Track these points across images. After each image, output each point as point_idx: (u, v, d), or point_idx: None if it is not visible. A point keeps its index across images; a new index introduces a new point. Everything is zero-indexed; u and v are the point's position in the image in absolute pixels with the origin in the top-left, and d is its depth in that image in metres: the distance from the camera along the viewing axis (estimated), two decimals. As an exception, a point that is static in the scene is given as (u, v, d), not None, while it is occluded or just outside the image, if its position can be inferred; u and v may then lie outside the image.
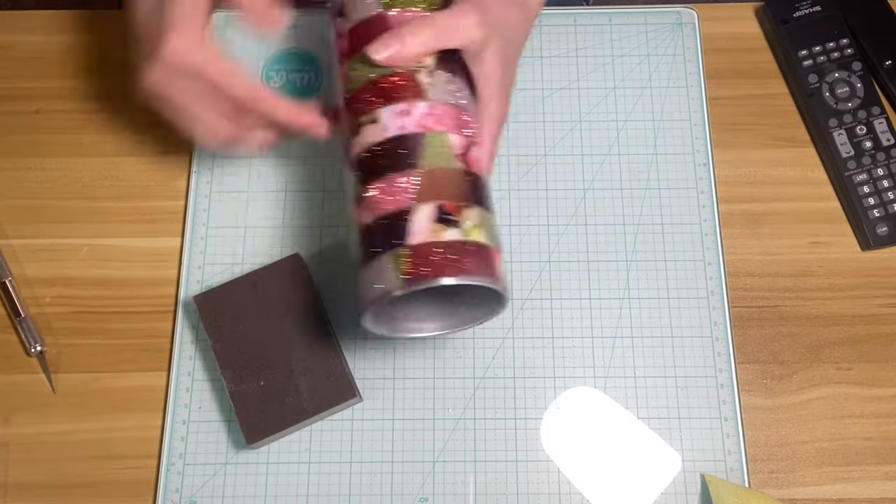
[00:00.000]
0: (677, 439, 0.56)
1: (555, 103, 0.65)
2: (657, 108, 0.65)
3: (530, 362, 0.58)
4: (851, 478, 0.56)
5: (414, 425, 0.57)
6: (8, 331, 0.60)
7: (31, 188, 0.63)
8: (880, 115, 0.63)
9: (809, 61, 0.64)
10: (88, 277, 0.61)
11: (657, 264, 0.61)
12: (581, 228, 0.62)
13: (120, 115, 0.65)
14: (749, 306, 0.60)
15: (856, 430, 0.57)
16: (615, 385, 0.58)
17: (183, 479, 0.56)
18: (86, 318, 0.60)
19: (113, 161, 0.64)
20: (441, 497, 0.55)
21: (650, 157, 0.63)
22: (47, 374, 0.58)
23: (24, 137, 0.65)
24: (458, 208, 0.44)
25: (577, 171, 0.63)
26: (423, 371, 0.58)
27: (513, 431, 0.57)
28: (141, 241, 0.62)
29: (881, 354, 0.59)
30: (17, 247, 0.62)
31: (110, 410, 0.58)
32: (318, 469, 0.56)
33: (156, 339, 0.59)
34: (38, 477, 0.56)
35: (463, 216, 0.44)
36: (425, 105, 0.46)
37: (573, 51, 0.67)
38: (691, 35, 0.67)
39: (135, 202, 0.63)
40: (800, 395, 0.58)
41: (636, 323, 0.59)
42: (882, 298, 0.60)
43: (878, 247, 0.61)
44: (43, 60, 0.67)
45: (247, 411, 0.53)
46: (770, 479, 0.56)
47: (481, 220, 0.45)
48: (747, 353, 0.59)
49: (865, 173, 0.61)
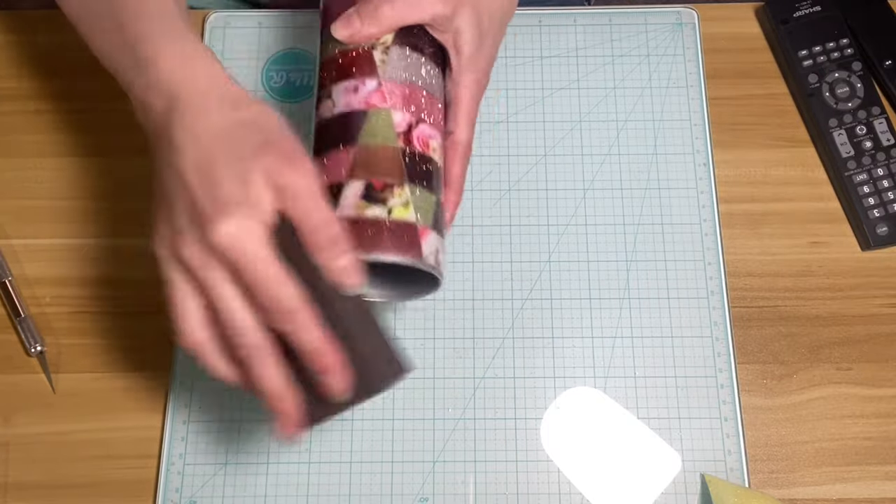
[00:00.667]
0: (677, 439, 0.56)
1: (555, 103, 0.65)
2: (657, 108, 0.65)
3: (530, 362, 0.58)
4: (851, 478, 0.56)
5: (414, 425, 0.57)
6: (8, 331, 0.59)
7: (31, 188, 0.63)
8: (880, 115, 0.63)
9: (809, 61, 0.64)
10: (88, 277, 0.61)
11: (657, 264, 0.61)
12: (581, 228, 0.62)
13: (119, 115, 0.65)
14: (749, 306, 0.60)
15: (856, 430, 0.57)
16: (615, 385, 0.58)
17: (183, 479, 0.56)
18: (86, 318, 0.60)
19: (113, 161, 0.64)
20: (441, 497, 0.55)
21: (650, 157, 0.63)
22: (47, 374, 0.58)
23: (24, 137, 0.65)
24: (386, 186, 0.45)
25: (577, 171, 0.63)
26: (423, 371, 0.58)
27: (513, 431, 0.57)
28: (141, 241, 0.61)
29: (881, 354, 0.59)
30: (17, 247, 0.62)
31: (110, 410, 0.58)
32: (318, 469, 0.56)
33: (156, 339, 0.59)
34: (38, 477, 0.56)
35: (390, 194, 0.45)
36: (374, 82, 0.46)
37: (573, 51, 0.67)
38: (691, 35, 0.67)
39: (135, 202, 0.63)
40: (800, 395, 0.58)
41: (636, 323, 0.59)
42: (882, 298, 0.60)
43: (878, 247, 0.61)
44: (43, 60, 0.67)
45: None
46: (770, 479, 0.56)
47: (412, 199, 0.45)
48: (747, 353, 0.59)
49: (865, 173, 0.61)
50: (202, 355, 0.42)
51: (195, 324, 0.41)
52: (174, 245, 0.40)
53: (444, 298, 0.60)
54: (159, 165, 0.43)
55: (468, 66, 0.49)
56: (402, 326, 0.59)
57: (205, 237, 0.39)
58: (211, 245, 0.39)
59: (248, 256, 0.38)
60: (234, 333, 0.40)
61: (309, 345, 0.40)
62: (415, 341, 0.59)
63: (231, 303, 0.40)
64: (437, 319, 0.59)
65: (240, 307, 0.40)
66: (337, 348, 0.41)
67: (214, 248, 0.39)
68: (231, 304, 0.40)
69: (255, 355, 0.40)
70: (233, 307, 0.40)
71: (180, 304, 0.41)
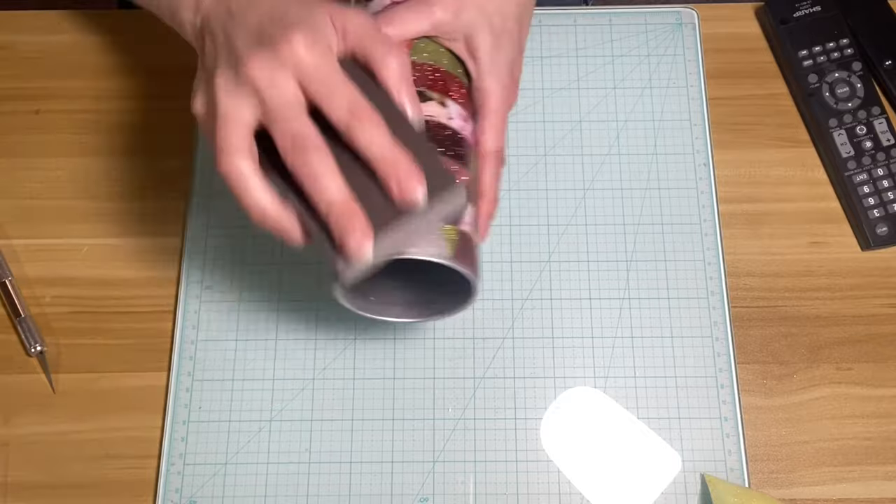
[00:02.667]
0: (677, 439, 0.56)
1: (555, 103, 0.65)
2: (657, 108, 0.65)
3: (530, 362, 0.58)
4: (851, 478, 0.56)
5: (414, 425, 0.57)
6: (8, 331, 0.59)
7: (31, 188, 0.63)
8: (880, 115, 0.63)
9: (809, 61, 0.64)
10: (88, 277, 0.61)
11: (657, 264, 0.61)
12: (581, 228, 0.62)
13: (120, 115, 0.65)
14: (749, 306, 0.60)
15: (856, 430, 0.57)
16: (615, 385, 0.58)
17: (183, 479, 0.56)
18: (86, 318, 0.60)
19: (113, 161, 0.64)
20: (441, 497, 0.55)
21: (650, 157, 0.63)
22: (47, 374, 0.58)
23: (24, 137, 0.65)
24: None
25: (577, 171, 0.63)
26: (423, 371, 0.58)
27: (513, 431, 0.57)
28: (141, 240, 0.62)
29: (881, 354, 0.59)
30: (17, 247, 0.62)
31: (110, 410, 0.58)
32: (318, 469, 0.56)
33: (156, 339, 0.59)
34: (38, 477, 0.56)
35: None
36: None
37: (573, 51, 0.67)
38: (691, 35, 0.67)
39: (135, 202, 0.63)
40: (800, 395, 0.58)
41: (636, 323, 0.59)
42: (882, 298, 0.60)
43: (878, 247, 0.61)
44: (43, 60, 0.67)
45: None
46: (770, 479, 0.56)
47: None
48: (747, 353, 0.59)
49: (865, 173, 0.61)
50: (240, 175, 0.40)
51: (241, 138, 0.40)
52: (240, 70, 0.39)
53: (444, 298, 0.60)
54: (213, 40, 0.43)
55: (489, 70, 0.47)
56: (402, 326, 0.59)
57: (277, 50, 0.39)
58: (281, 54, 0.39)
59: (320, 61, 0.39)
60: (297, 136, 0.39)
61: (379, 146, 0.38)
62: (415, 341, 0.59)
63: (295, 106, 0.39)
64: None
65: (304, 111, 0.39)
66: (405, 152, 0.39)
67: (285, 56, 0.39)
68: (296, 107, 0.39)
69: (318, 160, 0.38)
70: (297, 110, 0.39)
71: (224, 122, 0.40)
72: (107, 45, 0.67)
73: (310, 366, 0.58)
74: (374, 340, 0.59)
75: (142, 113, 0.65)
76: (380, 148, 0.38)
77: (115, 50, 0.67)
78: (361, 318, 0.48)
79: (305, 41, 0.39)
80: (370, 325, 0.59)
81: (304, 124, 0.39)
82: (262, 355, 0.58)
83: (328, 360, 0.58)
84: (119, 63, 0.66)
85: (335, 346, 0.58)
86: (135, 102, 0.65)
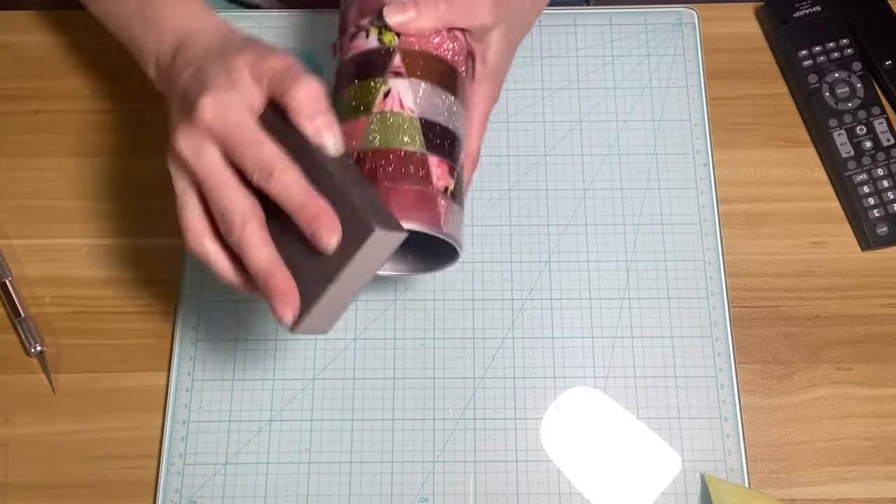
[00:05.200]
0: (677, 439, 0.56)
1: (555, 103, 0.65)
2: (657, 108, 0.65)
3: (530, 362, 0.58)
4: (851, 478, 0.56)
5: (414, 425, 0.57)
6: (8, 331, 0.60)
7: (31, 188, 0.63)
8: (880, 115, 0.63)
9: (809, 61, 0.64)
10: (88, 277, 0.61)
11: (657, 264, 0.61)
12: (581, 228, 0.62)
13: (120, 115, 0.65)
14: (749, 306, 0.60)
15: (856, 430, 0.57)
16: (615, 385, 0.58)
17: (183, 479, 0.56)
18: (86, 318, 0.60)
19: (113, 161, 0.64)
20: (441, 497, 0.55)
21: (650, 157, 0.63)
22: (47, 374, 0.58)
23: (24, 137, 0.65)
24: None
25: (577, 171, 0.63)
26: (423, 371, 0.58)
27: (513, 431, 0.57)
28: (141, 241, 0.62)
29: (881, 354, 0.59)
30: (17, 247, 0.62)
31: (110, 410, 0.58)
32: (318, 469, 0.56)
33: (156, 339, 0.59)
34: (38, 477, 0.56)
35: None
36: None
37: (573, 51, 0.67)
38: (691, 35, 0.67)
39: (135, 202, 0.63)
40: (800, 395, 0.58)
41: (636, 323, 0.59)
42: (882, 298, 0.60)
43: (878, 247, 0.61)
44: (43, 60, 0.67)
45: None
46: (770, 479, 0.56)
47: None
48: (747, 353, 0.59)
49: (865, 173, 0.61)
50: (206, 254, 0.43)
51: (196, 220, 0.42)
52: (173, 146, 0.42)
53: (444, 298, 0.60)
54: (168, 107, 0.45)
55: (489, 77, 0.50)
56: (402, 326, 0.59)
57: (193, 119, 0.41)
58: (196, 123, 0.40)
59: (229, 124, 0.40)
60: (224, 212, 0.40)
61: (292, 197, 0.39)
62: (415, 341, 0.59)
63: (219, 177, 0.41)
64: (437, 319, 0.59)
65: (229, 180, 0.41)
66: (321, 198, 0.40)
67: (199, 125, 0.40)
68: (219, 177, 0.41)
69: (243, 234, 0.40)
70: (221, 181, 0.41)
71: (182, 204, 0.42)
72: (107, 46, 0.67)
73: (310, 366, 0.58)
74: (374, 340, 0.59)
75: (142, 113, 0.65)
76: (289, 199, 0.40)
77: (115, 50, 0.67)
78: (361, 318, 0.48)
79: (215, 105, 0.41)
80: (370, 324, 0.59)
81: (230, 193, 0.41)
82: (262, 355, 0.58)
83: (328, 360, 0.58)
84: (119, 63, 0.66)
85: (335, 346, 0.59)
86: (135, 102, 0.66)
